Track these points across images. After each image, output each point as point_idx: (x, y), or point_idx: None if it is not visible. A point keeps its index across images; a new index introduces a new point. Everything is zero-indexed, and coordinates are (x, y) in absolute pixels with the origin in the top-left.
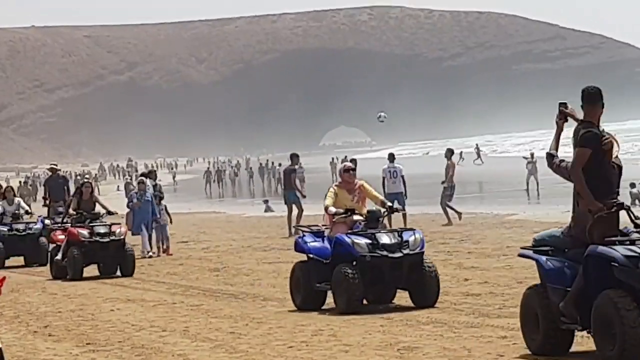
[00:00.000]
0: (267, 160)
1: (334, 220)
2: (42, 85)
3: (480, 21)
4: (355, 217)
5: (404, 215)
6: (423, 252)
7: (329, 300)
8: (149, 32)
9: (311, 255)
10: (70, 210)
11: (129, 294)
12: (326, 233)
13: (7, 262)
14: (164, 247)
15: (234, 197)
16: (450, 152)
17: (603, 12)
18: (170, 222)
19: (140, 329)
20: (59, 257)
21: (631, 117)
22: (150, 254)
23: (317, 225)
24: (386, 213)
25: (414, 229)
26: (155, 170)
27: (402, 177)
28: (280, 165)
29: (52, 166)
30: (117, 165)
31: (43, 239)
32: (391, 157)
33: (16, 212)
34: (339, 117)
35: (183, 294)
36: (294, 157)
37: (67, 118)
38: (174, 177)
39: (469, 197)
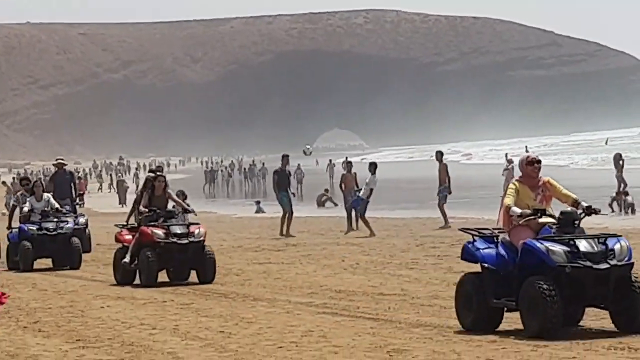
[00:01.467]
0: (253, 161)
1: (516, 222)
2: (37, 81)
3: (476, 26)
4: (545, 219)
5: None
6: (632, 264)
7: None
8: (144, 30)
9: (486, 265)
10: (141, 207)
11: (119, 291)
12: (500, 238)
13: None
14: None
15: (226, 197)
16: (440, 154)
17: (599, 19)
18: None
19: (130, 327)
20: (126, 259)
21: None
22: None
23: (487, 229)
24: (583, 215)
25: (619, 236)
26: (162, 167)
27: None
28: (263, 165)
29: (60, 161)
30: (110, 163)
31: (76, 240)
32: (373, 168)
33: (45, 209)
34: (332, 119)
35: (173, 292)
36: (285, 158)
37: (61, 115)
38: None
39: (460, 202)
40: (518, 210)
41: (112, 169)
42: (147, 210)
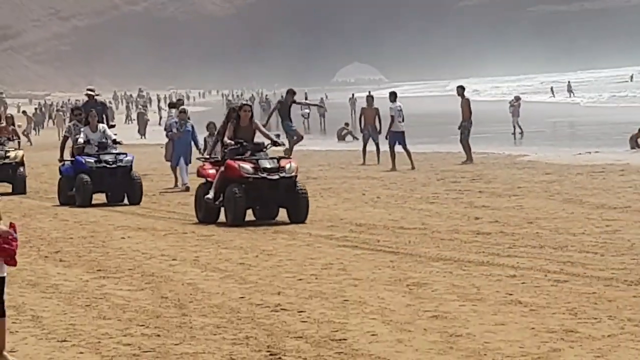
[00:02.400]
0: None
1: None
2: (57, 13)
3: None
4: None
5: (409, 153)
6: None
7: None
8: None
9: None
10: (226, 139)
11: (140, 222)
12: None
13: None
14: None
15: None
16: (462, 89)
17: None
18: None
19: (150, 257)
20: (210, 196)
21: None
22: (188, 185)
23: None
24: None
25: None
26: (182, 100)
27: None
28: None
29: (89, 92)
30: (130, 95)
31: (136, 173)
32: (393, 96)
33: (102, 140)
34: (349, 53)
35: (193, 223)
36: (290, 92)
37: (81, 47)
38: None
39: (480, 137)
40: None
41: (131, 101)
42: (232, 142)
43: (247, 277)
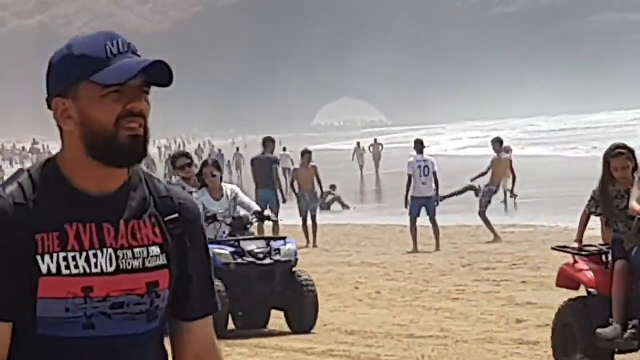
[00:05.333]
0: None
1: None
2: None
3: None
4: None
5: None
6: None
7: None
8: None
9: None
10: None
11: None
12: None
13: None
14: None
15: None
16: (499, 143)
17: None
18: None
19: None
20: None
21: None
22: None
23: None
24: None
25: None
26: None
27: (435, 173)
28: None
29: None
30: (22, 148)
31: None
32: (419, 146)
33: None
34: (338, 86)
35: None
36: (268, 143)
37: None
38: None
39: (523, 203)
40: None
41: (24, 156)
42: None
43: None
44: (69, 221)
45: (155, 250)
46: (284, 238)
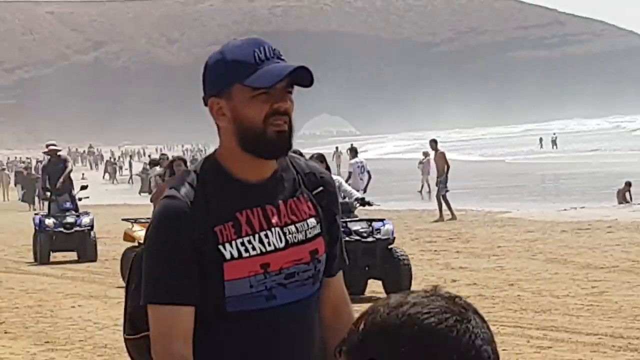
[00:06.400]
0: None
1: None
2: (1, 64)
3: (473, 4)
4: None
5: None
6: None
7: None
8: (116, 9)
9: None
10: None
11: (92, 289)
12: None
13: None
14: None
15: None
16: (434, 143)
17: None
18: None
19: (102, 327)
20: None
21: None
22: None
23: None
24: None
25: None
26: (165, 155)
27: (369, 172)
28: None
29: (52, 147)
30: (84, 152)
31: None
32: (354, 152)
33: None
34: (319, 104)
35: None
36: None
37: (28, 100)
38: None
39: (459, 193)
40: None
41: (83, 157)
42: None
43: None
44: (239, 209)
45: (312, 222)
46: (382, 220)
